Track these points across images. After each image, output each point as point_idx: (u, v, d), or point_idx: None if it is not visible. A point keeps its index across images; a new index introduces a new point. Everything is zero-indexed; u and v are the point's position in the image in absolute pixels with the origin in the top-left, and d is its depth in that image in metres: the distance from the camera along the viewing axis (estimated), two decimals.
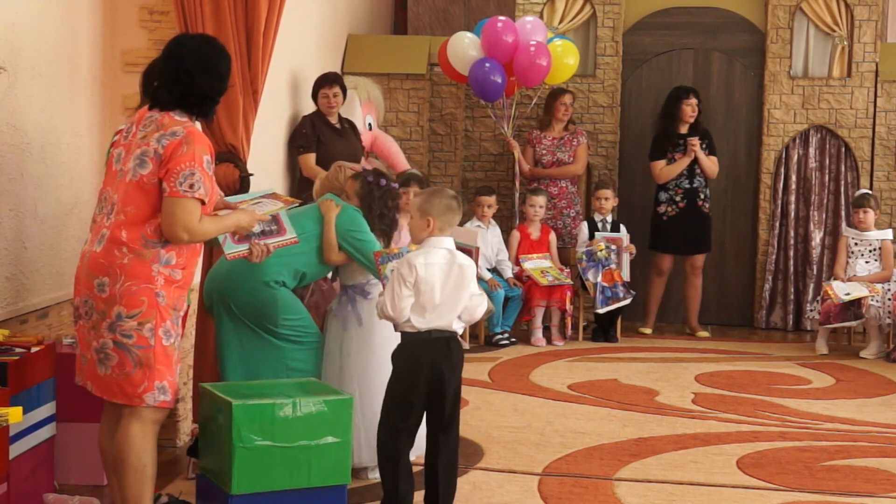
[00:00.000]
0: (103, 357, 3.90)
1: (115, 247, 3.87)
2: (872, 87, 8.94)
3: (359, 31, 9.61)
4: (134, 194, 3.89)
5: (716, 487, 5.01)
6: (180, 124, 3.91)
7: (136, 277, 3.85)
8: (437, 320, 4.38)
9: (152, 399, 3.90)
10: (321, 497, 4.15)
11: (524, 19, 8.55)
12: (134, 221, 3.88)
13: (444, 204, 4.45)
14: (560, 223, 8.72)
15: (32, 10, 4.84)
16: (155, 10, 5.37)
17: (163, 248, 3.90)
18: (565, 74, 8.58)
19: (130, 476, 3.90)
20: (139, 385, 3.88)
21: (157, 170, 3.86)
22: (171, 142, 3.86)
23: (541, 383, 6.91)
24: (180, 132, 3.89)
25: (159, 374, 3.90)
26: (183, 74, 3.94)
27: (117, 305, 3.85)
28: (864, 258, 8.21)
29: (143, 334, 3.86)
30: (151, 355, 3.88)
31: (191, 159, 3.85)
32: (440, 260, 4.39)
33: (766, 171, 9.09)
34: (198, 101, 3.97)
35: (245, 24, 5.32)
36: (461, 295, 4.41)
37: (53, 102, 5.02)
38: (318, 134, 7.49)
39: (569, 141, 8.75)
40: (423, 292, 4.35)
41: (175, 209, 3.85)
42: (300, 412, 4.09)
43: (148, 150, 3.88)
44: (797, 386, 7.09)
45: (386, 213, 5.16)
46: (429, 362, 4.37)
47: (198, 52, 3.99)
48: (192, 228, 3.87)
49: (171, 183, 3.84)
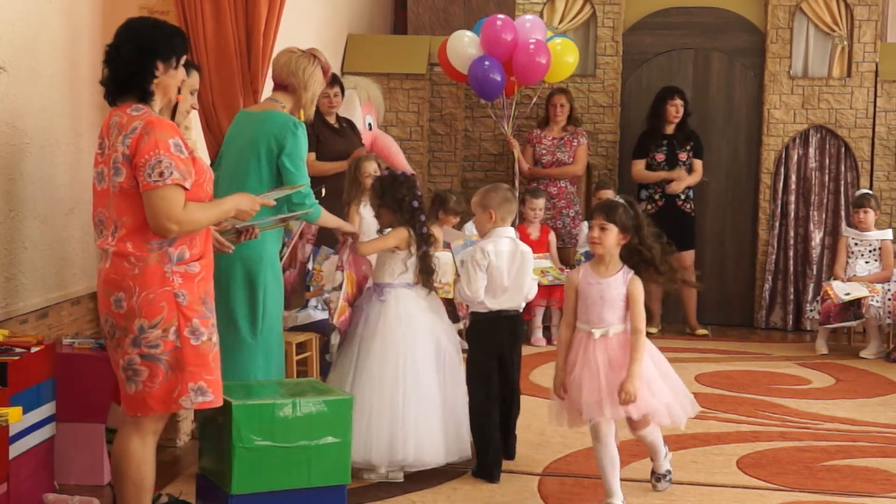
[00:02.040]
0: (132, 374, 3.78)
1: (124, 260, 3.76)
2: (872, 87, 8.95)
3: (358, 31, 9.62)
4: (122, 204, 3.77)
5: (716, 487, 5.01)
6: (137, 118, 3.77)
7: (150, 286, 3.74)
8: (508, 302, 5.10)
9: (189, 402, 3.78)
10: (321, 497, 4.15)
11: (523, 17, 8.55)
12: (134, 230, 3.77)
13: (501, 196, 5.11)
14: (559, 223, 8.72)
15: (32, 10, 4.84)
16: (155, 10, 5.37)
17: (170, 246, 3.78)
18: (565, 72, 8.58)
19: (130, 488, 3.86)
20: (174, 390, 3.77)
21: (132, 172, 3.74)
22: (132, 138, 3.73)
23: (541, 383, 6.91)
24: (139, 125, 3.74)
25: (192, 376, 3.78)
26: (112, 51, 3.86)
27: (138, 318, 3.74)
28: (864, 258, 8.21)
29: (168, 339, 3.75)
30: (181, 357, 3.76)
31: (153, 147, 3.70)
32: (506, 248, 5.08)
33: (766, 171, 9.09)
34: (127, 78, 3.82)
35: (245, 24, 5.32)
36: (525, 279, 5.11)
37: (53, 102, 5.02)
38: (317, 133, 7.49)
39: (569, 141, 8.76)
40: (495, 277, 5.05)
41: (153, 202, 3.70)
42: (300, 412, 4.09)
43: (117, 155, 3.76)
44: (797, 386, 7.09)
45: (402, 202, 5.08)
46: (498, 338, 5.13)
47: (127, 28, 3.89)
48: (178, 217, 3.71)
49: (141, 177, 3.70)
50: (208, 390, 3.82)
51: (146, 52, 3.82)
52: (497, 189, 5.17)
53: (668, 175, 8.60)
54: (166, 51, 3.86)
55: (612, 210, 4.52)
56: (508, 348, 5.17)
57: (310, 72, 4.95)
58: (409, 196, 5.08)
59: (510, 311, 5.13)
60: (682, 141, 8.67)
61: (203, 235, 3.90)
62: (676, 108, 8.63)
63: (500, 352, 5.15)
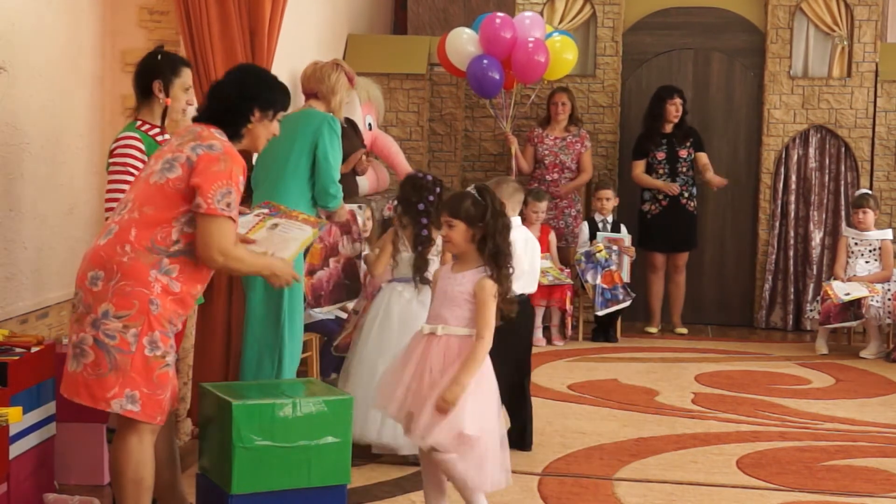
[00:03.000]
0: (79, 353, 3.76)
1: (120, 243, 3.75)
2: (872, 87, 8.94)
3: (358, 31, 9.62)
4: (155, 196, 3.78)
5: (716, 487, 5.01)
6: (218, 140, 3.83)
7: (131, 278, 3.73)
8: (525, 287, 5.38)
9: (118, 406, 3.73)
10: (321, 497, 4.15)
11: (523, 14, 8.54)
12: (147, 223, 3.76)
13: (511, 188, 5.48)
14: (562, 222, 8.71)
15: (32, 10, 4.84)
16: (155, 10, 5.38)
17: (167, 258, 3.77)
18: (564, 70, 8.57)
19: (129, 487, 3.84)
20: (110, 389, 3.72)
21: (186, 177, 3.76)
22: (207, 154, 3.77)
23: (541, 383, 6.91)
24: (218, 147, 3.80)
25: (132, 383, 3.73)
26: (217, 87, 4.00)
27: (106, 302, 3.71)
28: (864, 258, 8.21)
29: (126, 338, 3.71)
30: (129, 361, 3.71)
31: (228, 177, 3.76)
32: (520, 235, 5.27)
33: (765, 170, 9.09)
34: (223, 116, 3.92)
35: (249, 24, 5.33)
36: (536, 265, 5.55)
37: (53, 102, 5.03)
38: None
39: (571, 143, 8.75)
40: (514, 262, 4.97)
41: (212, 228, 3.74)
42: (300, 412, 4.09)
43: (180, 156, 3.79)
44: (797, 386, 7.09)
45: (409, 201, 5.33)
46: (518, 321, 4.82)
47: (239, 71, 4.09)
48: (227, 251, 3.77)
49: (209, 199, 3.72)
50: (139, 402, 3.75)
51: (247, 98, 3.94)
52: (506, 182, 5.56)
53: (664, 186, 8.59)
54: (266, 101, 3.98)
55: (456, 204, 4.11)
56: (524, 329, 5.66)
57: (335, 77, 5.48)
58: (416, 197, 5.32)
59: (523, 294, 5.35)
60: (682, 138, 8.67)
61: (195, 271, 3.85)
62: (676, 107, 8.63)
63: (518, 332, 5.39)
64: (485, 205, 4.10)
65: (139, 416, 3.77)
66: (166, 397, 3.84)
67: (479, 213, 4.08)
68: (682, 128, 8.69)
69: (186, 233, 3.79)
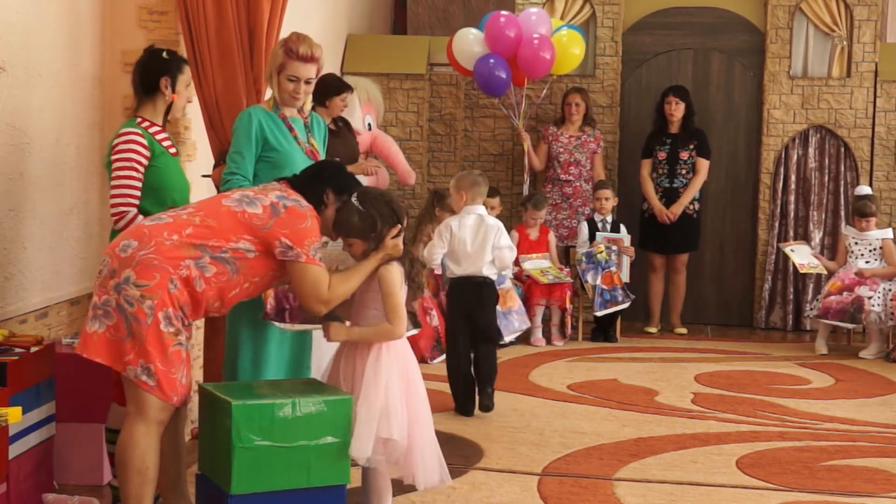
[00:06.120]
0: (101, 314, 3.80)
1: (168, 230, 3.86)
2: (872, 87, 8.95)
3: (358, 31, 9.62)
4: (224, 216, 3.93)
5: (715, 487, 5.01)
6: (304, 202, 4.04)
7: (162, 255, 3.80)
8: (470, 267, 6.06)
9: (133, 373, 3.78)
10: (321, 497, 4.15)
11: (528, 11, 8.55)
12: (206, 230, 3.89)
13: (471, 179, 6.17)
14: (574, 221, 8.71)
15: (32, 10, 4.84)
16: (155, 10, 5.39)
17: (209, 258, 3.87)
18: (571, 64, 8.57)
19: (133, 477, 3.86)
20: (126, 354, 3.78)
21: (266, 219, 3.93)
22: (295, 208, 3.99)
23: (540, 383, 6.91)
24: (305, 206, 4.03)
25: (147, 355, 3.78)
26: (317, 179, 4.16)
27: (129, 269, 3.77)
28: (865, 258, 8.20)
29: (143, 309, 3.77)
30: (144, 333, 3.76)
31: (316, 235, 4.03)
32: (471, 222, 6.09)
33: (765, 170, 9.09)
34: (313, 196, 4.10)
35: (248, 23, 5.33)
36: (486, 247, 6.03)
37: (53, 102, 5.03)
38: None
39: (586, 143, 8.77)
40: (458, 246, 6.06)
41: (308, 276, 3.99)
42: (300, 412, 4.09)
43: (264, 199, 3.98)
44: (797, 386, 7.09)
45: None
46: (464, 300, 6.10)
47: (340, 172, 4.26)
48: (326, 298, 4.05)
49: (305, 249, 3.97)
50: (154, 376, 3.80)
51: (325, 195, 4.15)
52: (469, 174, 6.29)
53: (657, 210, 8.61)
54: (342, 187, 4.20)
55: (345, 225, 4.19)
56: (475, 308, 6.07)
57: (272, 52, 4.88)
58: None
59: (476, 276, 6.07)
60: (686, 140, 8.67)
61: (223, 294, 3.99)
62: (671, 105, 8.63)
63: (467, 312, 6.08)
64: (371, 215, 4.18)
65: (155, 392, 3.82)
66: (180, 378, 3.88)
67: (368, 226, 4.17)
68: (687, 129, 8.69)
69: (238, 250, 3.93)
